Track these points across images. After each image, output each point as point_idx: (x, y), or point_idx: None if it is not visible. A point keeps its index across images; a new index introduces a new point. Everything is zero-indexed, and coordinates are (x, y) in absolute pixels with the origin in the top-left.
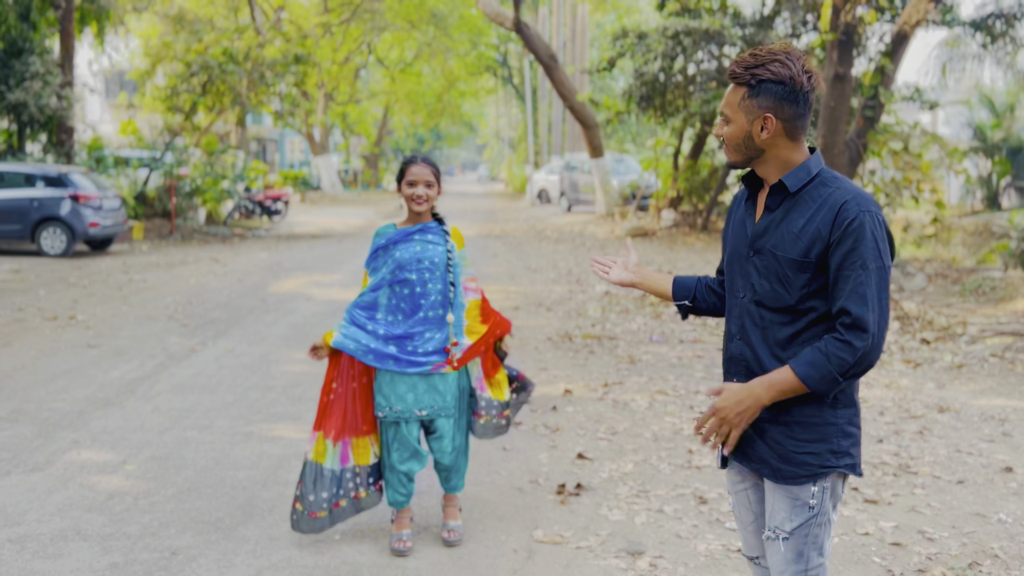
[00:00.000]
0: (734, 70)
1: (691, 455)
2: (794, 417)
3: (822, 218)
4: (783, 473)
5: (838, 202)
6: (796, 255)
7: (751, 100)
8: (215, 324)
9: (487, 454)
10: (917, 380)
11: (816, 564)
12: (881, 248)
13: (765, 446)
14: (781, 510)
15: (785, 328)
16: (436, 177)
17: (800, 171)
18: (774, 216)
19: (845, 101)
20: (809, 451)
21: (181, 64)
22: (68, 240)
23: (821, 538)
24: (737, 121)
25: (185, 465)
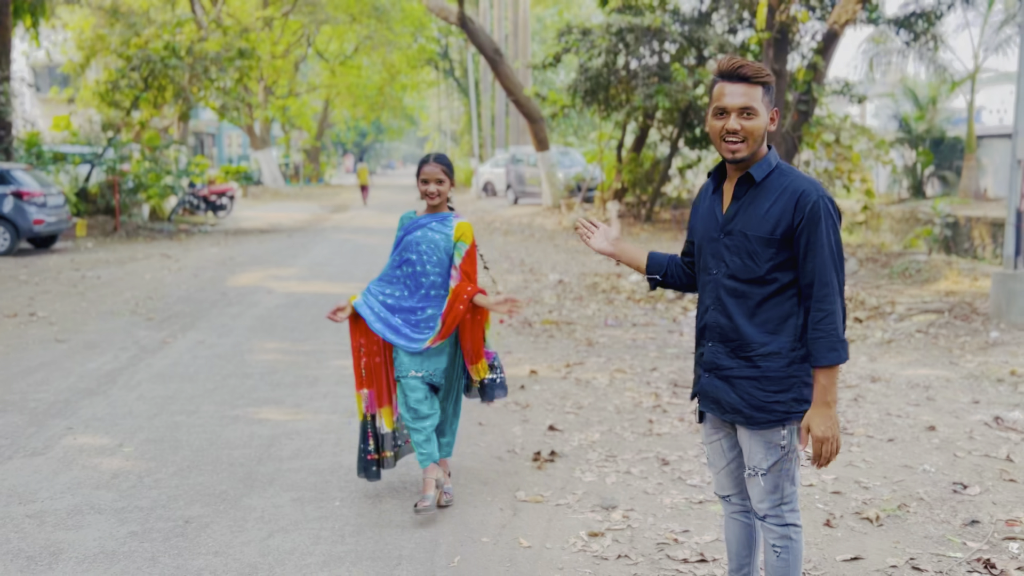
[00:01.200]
0: (753, 71)
1: (651, 424)
2: (764, 372)
3: (785, 203)
4: (756, 419)
5: (798, 190)
6: (764, 233)
7: (767, 98)
8: (180, 317)
9: (465, 429)
10: (851, 354)
11: (790, 492)
12: (836, 225)
13: (739, 398)
14: (758, 452)
15: (754, 296)
16: (447, 173)
17: (763, 164)
18: (742, 202)
19: (780, 96)
20: (777, 399)
21: (121, 58)
22: (12, 238)
23: (792, 470)
24: (763, 116)
25: (180, 446)
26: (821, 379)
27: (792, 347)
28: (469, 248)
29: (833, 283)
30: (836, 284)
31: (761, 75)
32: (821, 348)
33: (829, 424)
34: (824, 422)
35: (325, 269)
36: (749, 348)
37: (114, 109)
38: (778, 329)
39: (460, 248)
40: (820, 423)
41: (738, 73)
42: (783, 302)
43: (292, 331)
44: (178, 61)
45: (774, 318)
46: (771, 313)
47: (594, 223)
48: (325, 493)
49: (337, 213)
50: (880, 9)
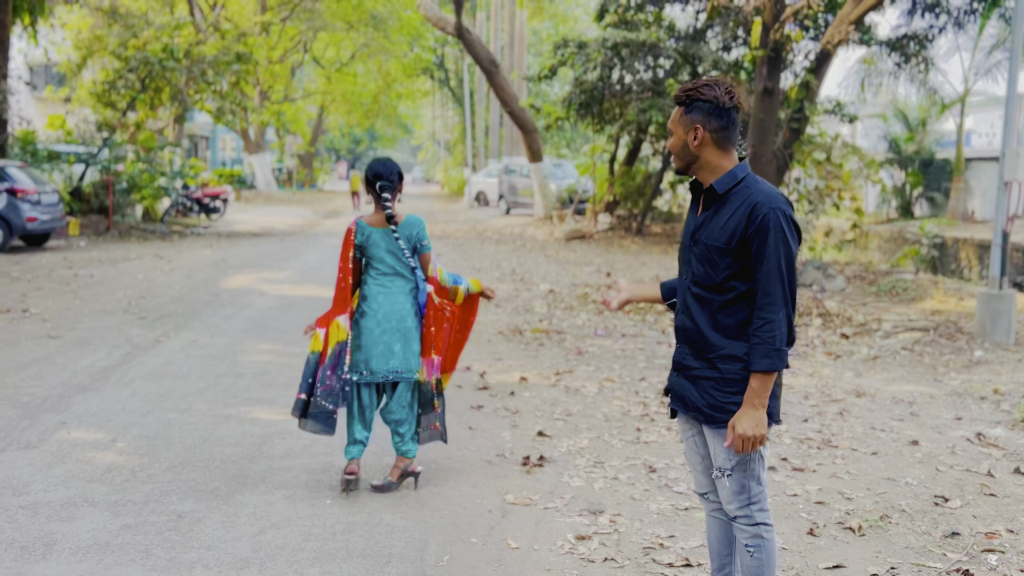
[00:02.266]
0: (677, 94)
1: (639, 432)
2: (722, 374)
3: (741, 214)
4: (715, 419)
5: (753, 201)
6: (721, 243)
7: (686, 116)
8: (173, 317)
9: (455, 433)
10: (837, 370)
11: (756, 492)
12: (788, 237)
13: (700, 397)
14: (720, 452)
15: (714, 303)
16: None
17: (727, 177)
18: (708, 214)
19: (773, 113)
20: (734, 400)
21: (118, 59)
22: (5, 235)
23: (757, 470)
24: (677, 133)
25: (173, 443)
26: (754, 382)
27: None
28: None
29: (776, 293)
30: (780, 294)
31: (680, 97)
32: (756, 353)
33: (754, 424)
34: (749, 422)
35: (317, 273)
36: (710, 351)
37: (110, 109)
38: (737, 335)
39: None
40: (746, 422)
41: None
42: (741, 309)
43: (284, 333)
44: (175, 63)
45: (733, 324)
46: (730, 319)
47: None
48: (317, 492)
49: (329, 219)
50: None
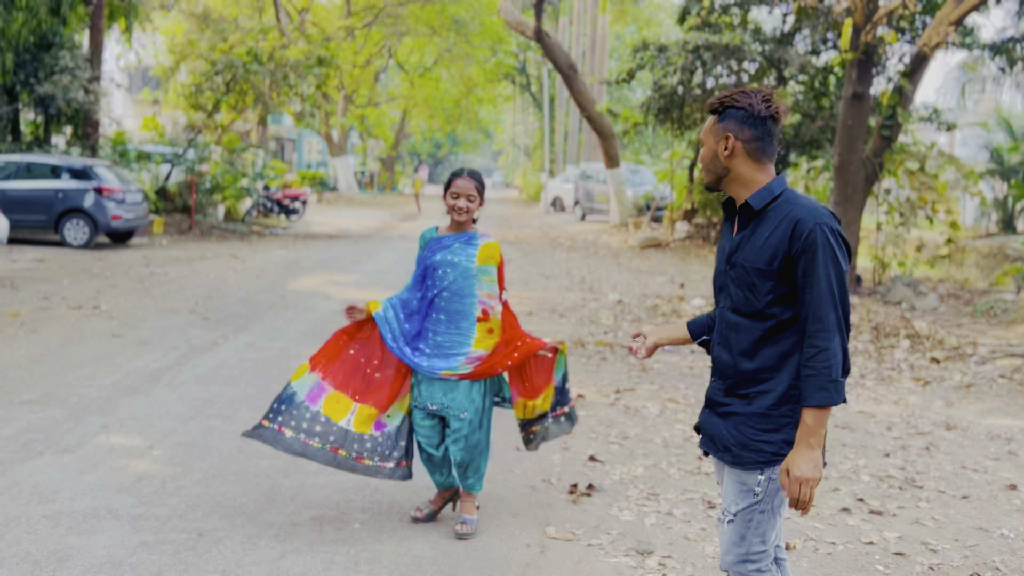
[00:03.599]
0: (710, 101)
1: (700, 461)
2: (755, 409)
3: (782, 231)
4: (742, 459)
5: (795, 217)
6: (761, 264)
7: (718, 124)
8: (235, 319)
9: (501, 453)
10: (925, 398)
11: (757, 551)
12: (837, 255)
13: (729, 435)
14: (730, 494)
15: (753, 332)
16: (479, 191)
17: (763, 192)
18: (745, 233)
19: (862, 120)
20: (766, 439)
21: (206, 63)
22: (90, 232)
23: (764, 527)
24: (707, 143)
25: (210, 452)
26: (807, 419)
27: (789, 386)
28: (498, 270)
29: (829, 318)
30: (833, 319)
31: (715, 105)
32: (811, 387)
33: (811, 466)
34: (805, 463)
35: (385, 277)
36: (745, 385)
37: (197, 111)
38: (778, 366)
39: (488, 272)
40: (801, 464)
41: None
42: (783, 339)
43: None
44: (259, 67)
45: (773, 355)
46: (770, 350)
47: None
48: (347, 513)
49: (406, 222)
50: (975, 34)
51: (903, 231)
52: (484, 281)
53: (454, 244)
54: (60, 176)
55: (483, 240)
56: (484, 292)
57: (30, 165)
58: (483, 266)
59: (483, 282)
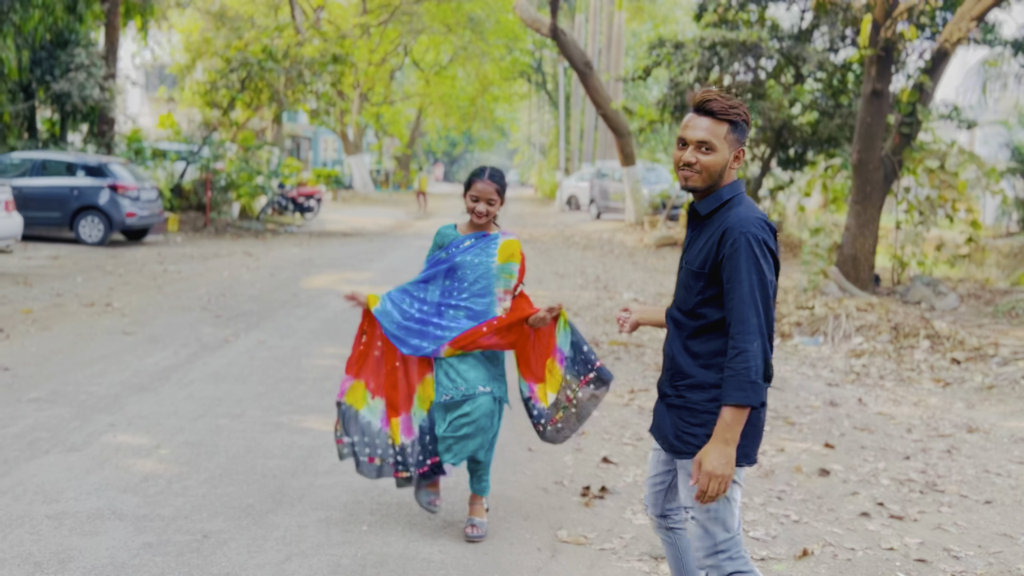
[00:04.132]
0: (720, 107)
1: None
2: (686, 403)
3: (715, 237)
4: (677, 449)
5: (725, 225)
6: (695, 267)
7: (732, 135)
8: (247, 316)
9: (513, 454)
10: (946, 399)
11: (724, 539)
12: (761, 263)
13: (669, 425)
14: (684, 487)
15: (687, 330)
16: (499, 193)
17: (712, 198)
18: (692, 235)
19: (881, 117)
20: (693, 432)
21: (221, 60)
22: (105, 229)
23: (722, 514)
24: (721, 152)
25: (217, 452)
26: (725, 416)
27: (715, 384)
28: (520, 267)
29: (750, 321)
30: (754, 323)
31: (728, 112)
32: (730, 386)
33: (722, 462)
34: (717, 459)
35: (399, 275)
36: (681, 378)
37: (213, 109)
38: (707, 364)
39: (510, 270)
40: (713, 458)
41: (705, 107)
42: (713, 339)
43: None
44: (275, 64)
45: (704, 353)
46: (701, 347)
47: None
48: (354, 515)
49: (420, 220)
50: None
51: (923, 230)
52: (503, 279)
53: (474, 244)
54: (75, 173)
55: (504, 238)
56: (502, 289)
57: (46, 162)
58: (504, 264)
59: (503, 280)
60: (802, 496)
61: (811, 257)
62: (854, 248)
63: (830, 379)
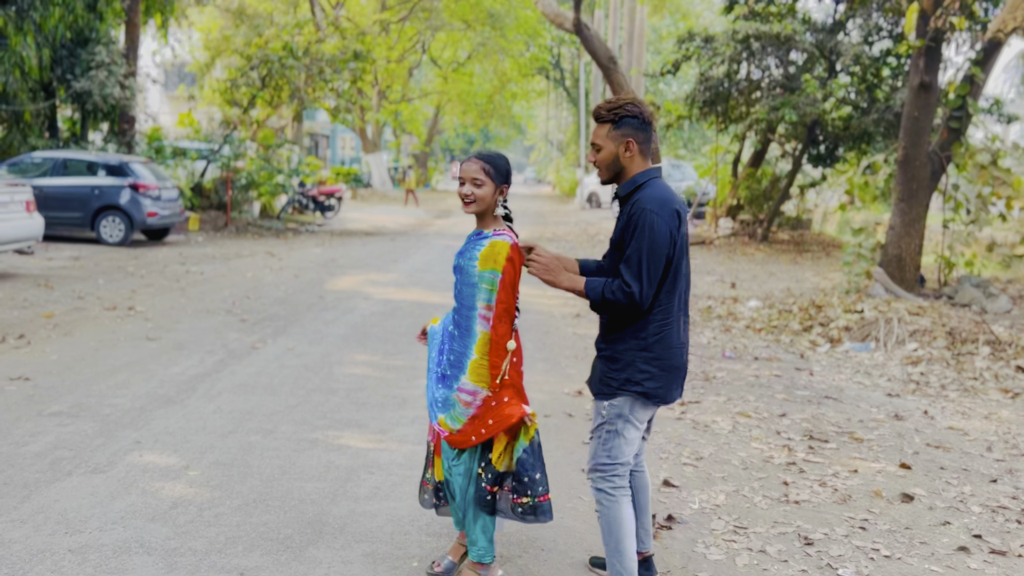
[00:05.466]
0: (600, 112)
1: (787, 487)
2: (610, 353)
3: (626, 214)
4: (598, 390)
5: (633, 201)
6: (615, 239)
7: (615, 131)
8: (274, 321)
9: (565, 476)
10: (1018, 412)
11: (603, 462)
12: (648, 235)
13: (598, 372)
14: (593, 419)
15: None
16: (487, 173)
17: (628, 183)
18: (619, 214)
19: (929, 111)
20: (613, 377)
21: (241, 58)
22: (127, 229)
23: (609, 443)
24: (607, 148)
25: (250, 473)
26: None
27: (633, 336)
28: (505, 281)
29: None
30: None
31: (605, 115)
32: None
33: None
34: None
35: (424, 276)
36: (607, 331)
37: (232, 107)
38: (624, 320)
39: (489, 279)
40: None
41: (594, 114)
42: None
43: (385, 342)
44: (295, 62)
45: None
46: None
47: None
48: (403, 549)
49: (441, 219)
50: None
51: (974, 229)
52: (484, 289)
53: (467, 243)
54: (96, 173)
55: (492, 238)
56: (483, 303)
57: (67, 162)
58: (483, 272)
59: (483, 291)
60: (887, 526)
61: (853, 258)
62: (899, 248)
63: (888, 388)
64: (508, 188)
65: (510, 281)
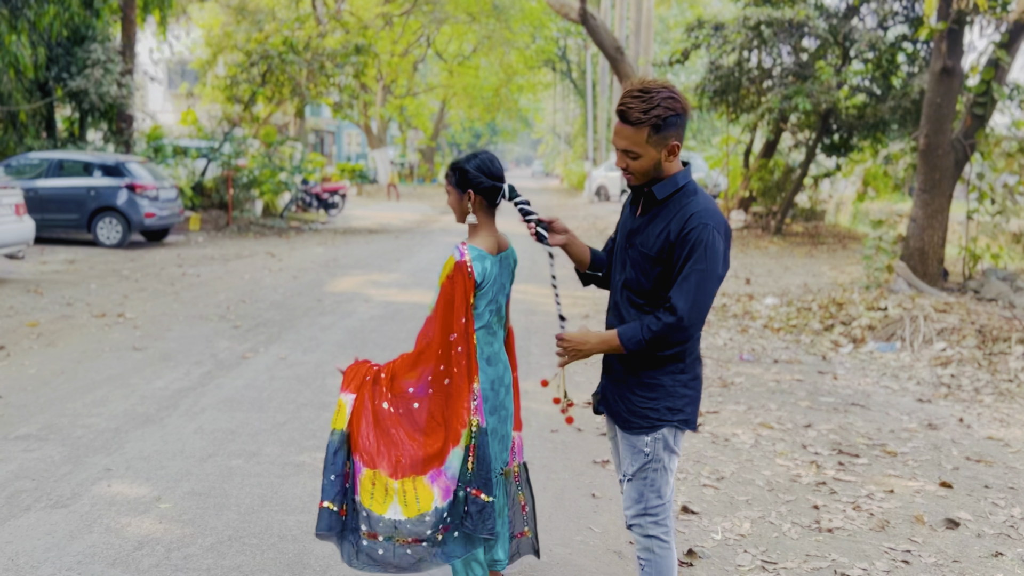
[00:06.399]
0: (634, 115)
1: (818, 511)
2: (640, 379)
3: (675, 223)
4: (631, 424)
5: (688, 212)
6: (652, 252)
7: (657, 136)
8: (268, 326)
9: (575, 504)
10: None
11: (655, 504)
12: (709, 255)
13: (620, 401)
14: (626, 457)
15: (642, 308)
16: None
17: (668, 183)
18: (646, 218)
19: (952, 97)
20: (651, 407)
21: (241, 54)
22: (124, 231)
23: (658, 483)
24: (647, 155)
25: (227, 504)
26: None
27: (672, 359)
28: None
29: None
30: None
31: (646, 120)
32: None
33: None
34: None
35: (427, 276)
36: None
37: (234, 104)
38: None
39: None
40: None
41: (622, 115)
42: None
43: (383, 349)
44: (296, 56)
45: None
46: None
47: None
48: None
49: (446, 215)
50: None
51: (1001, 220)
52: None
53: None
54: (92, 173)
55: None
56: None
57: (62, 162)
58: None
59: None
60: (933, 558)
61: (873, 251)
62: (921, 240)
63: (918, 393)
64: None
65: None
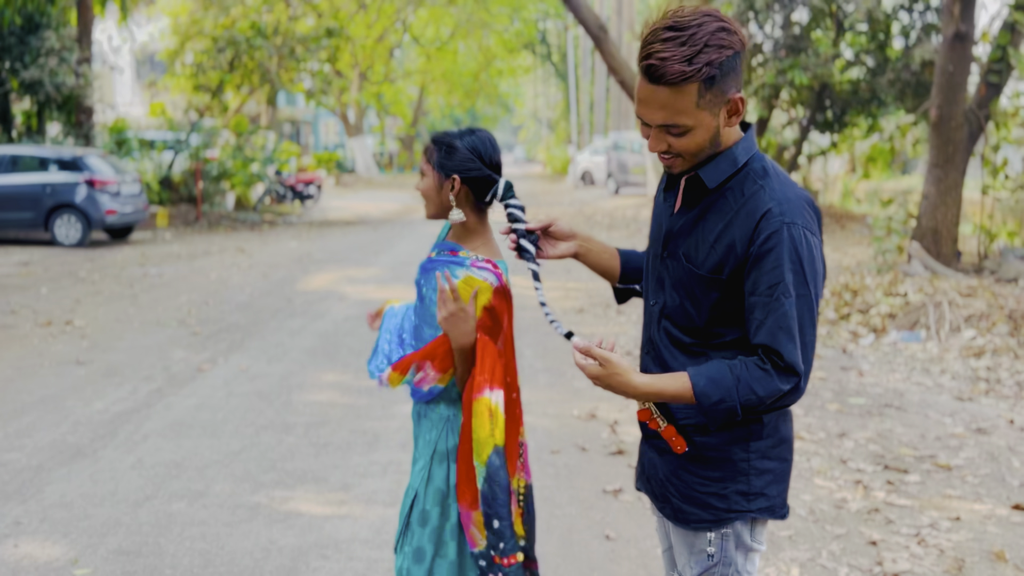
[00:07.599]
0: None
1: (876, 549)
2: (698, 450)
3: (740, 225)
4: (685, 514)
5: (760, 209)
6: (705, 269)
7: (710, 92)
8: (230, 332)
9: (584, 543)
10: None
11: None
12: (807, 270)
13: (667, 481)
14: (682, 554)
15: (692, 350)
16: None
17: (723, 162)
18: (691, 215)
19: (966, 65)
20: (714, 491)
21: (208, 40)
22: (84, 229)
23: None
24: (702, 124)
25: (160, 566)
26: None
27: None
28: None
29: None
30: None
31: (692, 73)
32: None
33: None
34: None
35: (408, 270)
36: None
37: (201, 93)
38: None
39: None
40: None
41: (651, 72)
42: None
43: (358, 356)
44: (264, 42)
45: None
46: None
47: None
48: None
49: None
50: None
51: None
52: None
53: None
54: (48, 168)
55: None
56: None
57: (15, 158)
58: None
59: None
60: None
61: (883, 232)
62: (934, 219)
63: (955, 390)
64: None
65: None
